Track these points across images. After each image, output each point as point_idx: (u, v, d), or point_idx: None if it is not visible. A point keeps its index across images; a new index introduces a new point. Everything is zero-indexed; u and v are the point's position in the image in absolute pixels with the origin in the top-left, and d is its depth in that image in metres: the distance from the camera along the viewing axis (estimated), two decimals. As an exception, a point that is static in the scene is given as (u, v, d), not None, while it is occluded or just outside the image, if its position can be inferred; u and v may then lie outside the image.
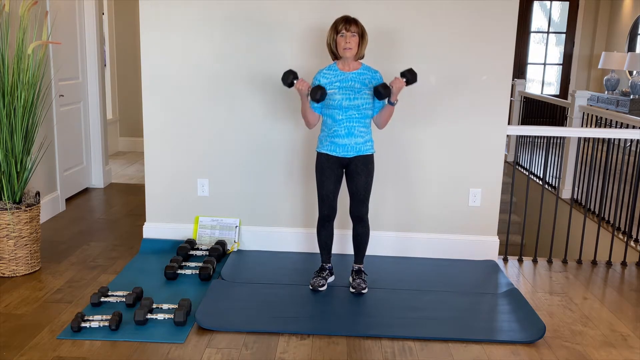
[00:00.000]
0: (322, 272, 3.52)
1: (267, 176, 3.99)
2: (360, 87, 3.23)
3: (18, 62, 3.49)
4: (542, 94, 9.72)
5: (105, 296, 3.23)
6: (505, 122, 3.87)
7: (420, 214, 4.01)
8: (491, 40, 3.76)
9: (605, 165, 4.34)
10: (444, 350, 2.85)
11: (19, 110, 3.49)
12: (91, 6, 5.44)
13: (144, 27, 3.84)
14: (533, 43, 10.08)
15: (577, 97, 6.05)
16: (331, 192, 3.36)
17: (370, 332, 2.97)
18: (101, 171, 5.74)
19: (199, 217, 4.07)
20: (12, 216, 3.48)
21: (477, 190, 3.96)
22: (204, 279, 3.54)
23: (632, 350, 2.91)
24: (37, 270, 3.67)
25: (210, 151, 3.98)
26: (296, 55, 3.82)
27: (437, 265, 3.89)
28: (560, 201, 5.84)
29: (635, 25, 8.88)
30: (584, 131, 4.55)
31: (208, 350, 2.78)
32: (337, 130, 3.26)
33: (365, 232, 3.44)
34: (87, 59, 5.49)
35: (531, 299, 3.47)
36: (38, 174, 4.47)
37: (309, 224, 4.02)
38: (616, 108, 8.25)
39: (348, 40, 3.17)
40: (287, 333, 2.96)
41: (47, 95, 4.53)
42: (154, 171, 4.03)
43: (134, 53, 7.32)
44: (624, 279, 3.89)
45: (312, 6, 3.75)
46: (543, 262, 4.12)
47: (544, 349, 2.88)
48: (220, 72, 3.87)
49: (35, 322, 3.00)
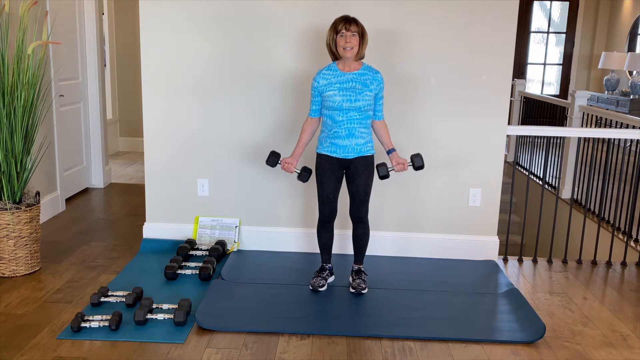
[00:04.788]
0: (322, 272, 3.52)
1: (267, 176, 3.99)
2: (361, 88, 3.22)
3: (18, 62, 3.49)
4: (542, 94, 9.72)
5: (105, 296, 3.23)
6: (505, 122, 3.87)
7: (420, 214, 4.01)
8: (491, 40, 3.76)
9: (605, 165, 4.34)
10: (444, 350, 2.85)
11: (19, 110, 3.49)
12: (91, 6, 5.44)
13: (144, 27, 3.84)
14: (533, 43, 10.08)
15: (577, 97, 6.05)
16: (331, 194, 3.36)
17: (370, 332, 2.97)
18: (101, 171, 5.74)
19: (199, 217, 4.07)
20: (12, 216, 3.48)
21: (477, 190, 3.96)
22: (204, 279, 3.54)
23: (632, 350, 2.91)
24: (37, 270, 3.67)
25: (210, 151, 3.98)
26: (296, 55, 3.82)
27: (437, 265, 3.89)
28: (560, 201, 5.84)
29: (635, 25, 8.88)
30: (584, 131, 4.55)
31: (208, 350, 2.78)
32: (338, 131, 3.25)
33: (365, 233, 3.44)
34: (87, 59, 5.49)
35: (531, 299, 3.47)
36: (38, 174, 4.47)
37: (309, 224, 4.02)
38: (616, 108, 8.25)
39: (348, 40, 3.16)
40: (287, 333, 2.96)
41: (47, 95, 4.53)
42: (154, 171, 4.03)
43: (134, 53, 7.32)
44: (624, 279, 3.89)
45: (313, 6, 3.75)
46: (543, 262, 4.12)
47: (544, 349, 2.88)
48: (220, 72, 3.87)
49: (35, 322, 3.00)
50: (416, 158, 3.35)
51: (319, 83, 3.26)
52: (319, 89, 3.26)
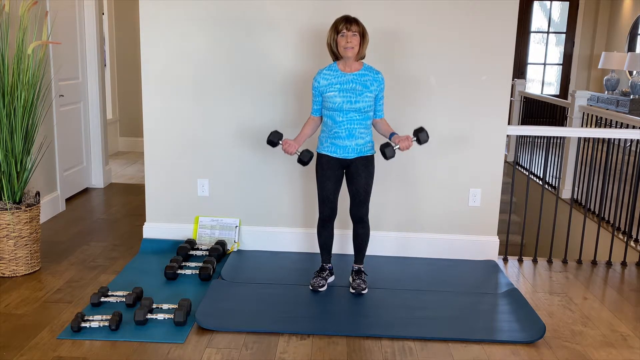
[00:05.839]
0: (322, 272, 3.52)
1: (267, 176, 3.99)
2: (361, 89, 3.22)
3: (18, 62, 3.49)
4: (542, 94, 9.72)
5: (105, 296, 3.23)
6: (505, 122, 3.87)
7: (420, 214, 4.01)
8: (491, 40, 3.76)
9: (605, 165, 4.34)
10: (444, 350, 2.85)
11: (19, 110, 3.49)
12: (91, 6, 5.44)
13: (144, 27, 3.84)
14: (533, 43, 10.08)
15: (577, 97, 6.05)
16: (332, 194, 3.36)
17: (370, 332, 2.97)
18: (101, 171, 5.74)
19: (199, 217, 4.07)
20: (12, 216, 3.48)
21: (477, 190, 3.96)
22: (204, 279, 3.54)
23: (632, 350, 2.91)
24: (37, 270, 3.67)
25: (210, 151, 3.98)
26: (297, 55, 3.82)
27: (437, 265, 3.89)
28: (560, 201, 5.84)
29: (635, 25, 8.88)
30: (584, 131, 4.55)
31: (208, 350, 2.78)
32: (338, 131, 3.25)
33: (366, 233, 3.44)
34: (87, 59, 5.49)
35: (531, 299, 3.47)
36: (38, 174, 4.47)
37: (309, 224, 4.02)
38: (616, 108, 8.25)
39: (349, 40, 3.16)
40: (287, 333, 2.96)
41: (47, 95, 4.53)
42: (154, 171, 4.03)
43: (134, 53, 7.32)
44: (624, 279, 3.89)
45: (314, 6, 3.75)
46: (543, 262, 4.12)
47: (544, 349, 2.88)
48: (220, 72, 3.87)
49: (35, 322, 3.00)
50: (420, 133, 3.25)
51: (319, 83, 3.26)
52: (320, 89, 3.26)
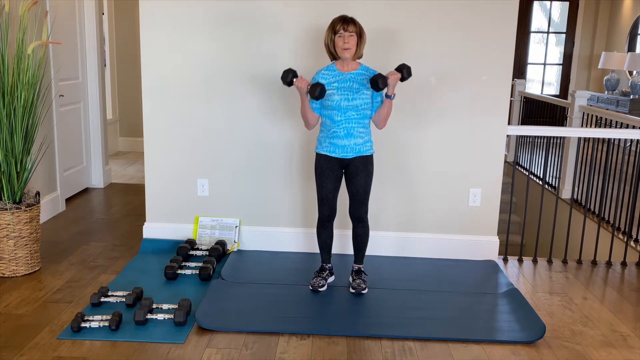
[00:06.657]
0: (322, 272, 3.52)
1: (267, 176, 3.99)
2: (358, 88, 3.22)
3: (18, 62, 3.49)
4: (542, 94, 9.72)
5: (105, 296, 3.23)
6: (505, 122, 3.87)
7: (420, 214, 4.01)
8: (491, 40, 3.76)
9: (605, 165, 4.34)
10: (444, 350, 2.85)
11: (19, 110, 3.49)
12: (91, 6, 5.44)
13: (144, 27, 3.84)
14: (533, 43, 10.08)
15: (577, 97, 6.05)
16: (331, 193, 3.36)
17: (370, 332, 2.97)
18: (101, 171, 5.74)
19: (199, 217, 4.07)
20: (12, 216, 3.48)
21: (477, 190, 3.96)
22: (204, 279, 3.54)
23: (632, 350, 2.91)
24: (37, 270, 3.67)
25: (210, 151, 3.98)
26: (296, 55, 3.81)
27: (437, 265, 3.89)
28: (560, 201, 5.84)
29: (635, 25, 8.88)
30: (584, 131, 4.55)
31: (208, 350, 2.78)
32: (336, 131, 3.25)
33: (365, 233, 3.44)
34: (87, 59, 5.49)
35: (531, 299, 3.47)
36: (38, 174, 4.47)
37: (308, 224, 4.02)
38: (616, 108, 8.25)
39: (346, 40, 3.17)
40: (287, 333, 2.96)
41: (47, 95, 4.53)
42: (154, 171, 4.03)
43: (134, 53, 7.32)
44: (624, 279, 3.89)
45: (313, 6, 3.75)
46: (543, 262, 4.12)
47: (544, 349, 2.88)
48: (220, 72, 3.87)
49: (35, 322, 3.00)
50: (404, 69, 3.21)
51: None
52: (319, 88, 3.26)
